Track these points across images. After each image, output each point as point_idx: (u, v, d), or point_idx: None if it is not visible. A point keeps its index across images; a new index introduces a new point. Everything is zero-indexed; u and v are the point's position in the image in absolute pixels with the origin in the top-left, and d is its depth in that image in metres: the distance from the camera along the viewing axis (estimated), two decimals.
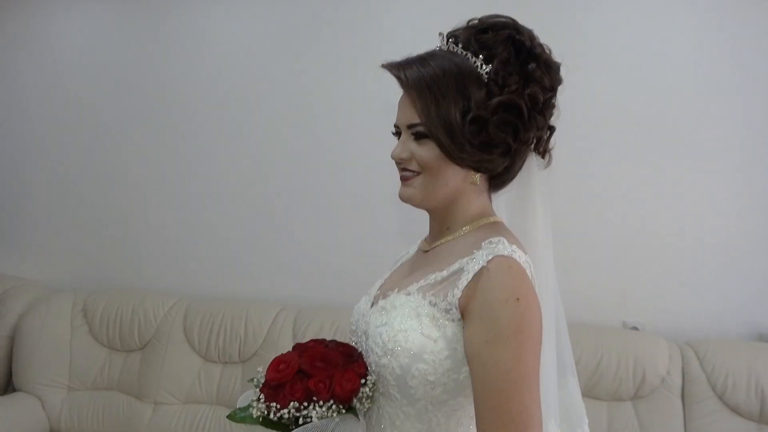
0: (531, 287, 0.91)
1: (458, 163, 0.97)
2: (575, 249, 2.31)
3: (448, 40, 1.00)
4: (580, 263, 2.32)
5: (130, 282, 2.79)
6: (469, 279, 0.91)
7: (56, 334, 2.58)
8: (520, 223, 1.05)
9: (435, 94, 0.95)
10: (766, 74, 2.20)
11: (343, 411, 0.95)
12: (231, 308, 2.50)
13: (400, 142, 1.02)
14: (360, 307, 1.11)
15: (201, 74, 2.69)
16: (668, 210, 2.28)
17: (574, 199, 2.31)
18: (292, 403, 0.93)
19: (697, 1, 2.24)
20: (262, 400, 0.96)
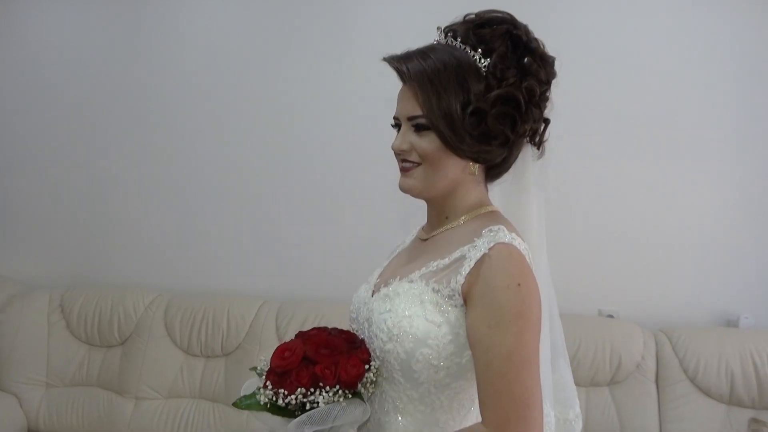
0: (531, 273, 0.95)
1: (458, 154, 1.00)
2: (553, 241, 2.34)
3: (446, 35, 1.03)
4: (557, 254, 2.35)
5: (108, 277, 2.75)
6: (472, 266, 0.94)
7: (33, 331, 2.54)
8: (515, 211, 1.08)
9: (436, 87, 0.97)
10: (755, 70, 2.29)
11: (349, 396, 0.97)
12: (213, 302, 2.50)
13: (400, 133, 1.04)
14: (360, 295, 1.13)
15: (180, 68, 2.66)
16: (642, 206, 2.36)
17: (550, 192, 2.35)
18: (299, 389, 0.95)
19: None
20: (269, 387, 0.97)
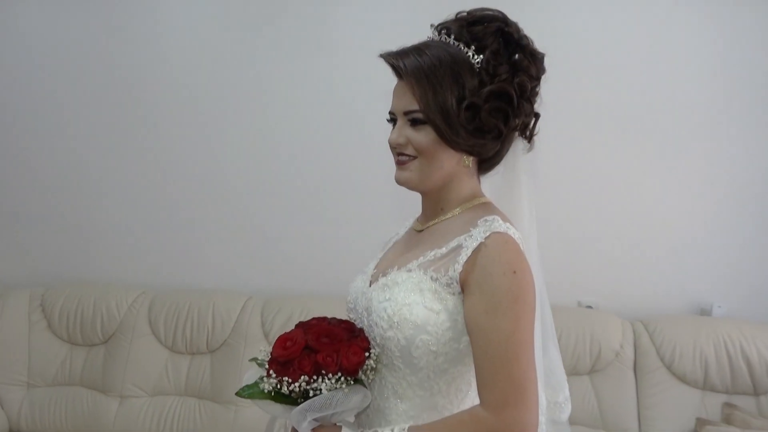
0: (525, 261, 0.99)
1: (453, 147, 1.04)
2: None
3: (440, 32, 1.06)
4: (539, 247, 2.43)
5: (90, 275, 2.72)
6: (468, 254, 0.98)
7: (13, 330, 2.50)
8: (506, 202, 1.13)
9: (432, 82, 1.01)
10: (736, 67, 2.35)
11: (351, 383, 1.00)
12: (197, 299, 2.49)
13: (396, 128, 1.07)
14: (357, 285, 1.16)
15: (161, 65, 2.63)
16: (620, 203, 2.43)
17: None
18: (302, 377, 0.98)
19: None
20: (273, 376, 0.99)
